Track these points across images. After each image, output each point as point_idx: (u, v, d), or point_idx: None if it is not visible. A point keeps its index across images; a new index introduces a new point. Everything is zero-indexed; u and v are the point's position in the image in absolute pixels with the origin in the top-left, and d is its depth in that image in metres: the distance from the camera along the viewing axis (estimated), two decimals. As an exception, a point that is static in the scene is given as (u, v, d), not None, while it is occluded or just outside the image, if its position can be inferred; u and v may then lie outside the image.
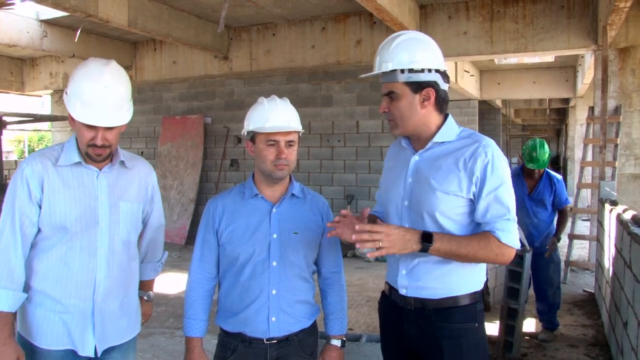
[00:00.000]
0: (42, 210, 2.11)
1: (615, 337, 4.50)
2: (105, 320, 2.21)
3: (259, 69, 9.81)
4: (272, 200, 2.28)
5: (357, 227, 1.89)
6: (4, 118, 10.41)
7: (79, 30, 9.07)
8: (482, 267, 2.10)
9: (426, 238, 1.90)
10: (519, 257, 4.43)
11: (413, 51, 2.00)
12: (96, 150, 2.12)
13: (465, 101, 14.22)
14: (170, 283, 7.34)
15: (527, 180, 5.18)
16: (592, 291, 6.77)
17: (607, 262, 5.36)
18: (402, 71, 1.98)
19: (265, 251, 2.21)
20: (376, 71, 2.04)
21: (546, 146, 5.10)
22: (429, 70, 1.99)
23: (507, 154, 18.64)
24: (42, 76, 12.14)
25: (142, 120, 11.81)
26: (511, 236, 1.94)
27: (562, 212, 5.27)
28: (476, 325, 2.05)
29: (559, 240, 5.19)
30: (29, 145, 28.30)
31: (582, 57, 11.34)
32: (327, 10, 8.74)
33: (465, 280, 2.04)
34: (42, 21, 9.16)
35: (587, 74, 10.46)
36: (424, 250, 1.89)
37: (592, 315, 5.89)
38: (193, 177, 10.73)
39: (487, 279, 5.12)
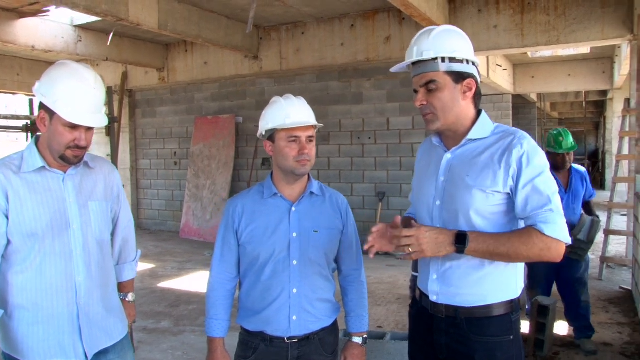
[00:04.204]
0: (10, 220, 2.05)
1: (651, 336, 4.38)
2: (92, 322, 2.19)
3: (289, 68, 9.84)
4: (291, 199, 2.29)
5: (388, 234, 1.92)
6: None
7: (112, 34, 9.25)
8: (519, 273, 2.00)
9: (460, 239, 1.82)
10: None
11: (454, 41, 1.95)
12: (76, 151, 2.10)
13: (499, 95, 14.00)
14: (202, 281, 7.45)
15: (559, 177, 4.87)
16: (629, 288, 6.59)
17: (644, 258, 5.22)
18: (443, 60, 1.91)
19: (285, 250, 2.22)
20: (415, 59, 1.95)
21: (569, 133, 4.94)
22: (468, 62, 1.94)
23: (543, 148, 18.29)
24: (78, 80, 12.43)
25: (174, 121, 12.00)
26: (557, 227, 1.80)
27: (589, 204, 5.04)
28: (511, 337, 1.94)
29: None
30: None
31: (619, 47, 11.03)
32: (356, 7, 8.71)
33: (500, 287, 1.95)
34: (76, 26, 9.36)
35: (624, 65, 10.17)
36: (459, 251, 1.83)
37: (628, 312, 5.75)
38: (225, 177, 10.85)
39: (524, 284, 4.98)
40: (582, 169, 5.10)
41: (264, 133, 2.28)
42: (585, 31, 7.46)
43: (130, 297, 2.58)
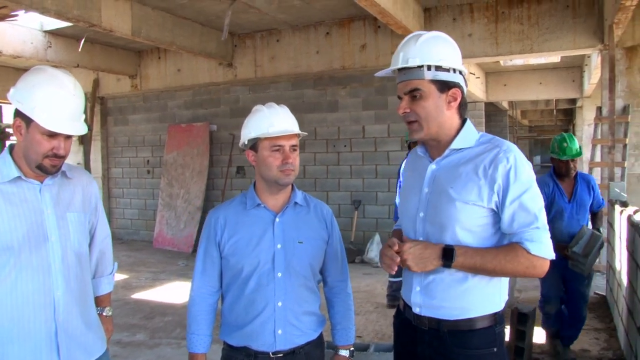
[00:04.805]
0: None
1: (629, 342, 4.42)
2: (70, 339, 2.09)
3: (263, 76, 9.78)
4: (275, 209, 2.23)
5: (380, 253, 1.95)
6: (7, 130, 10.46)
7: (83, 40, 9.08)
8: (503, 286, 1.96)
9: (447, 253, 1.81)
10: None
11: (441, 49, 1.90)
12: (54, 160, 2.02)
13: (472, 103, 14.13)
14: (176, 292, 7.32)
15: (563, 185, 4.66)
16: (604, 294, 6.68)
17: (619, 265, 5.28)
18: (429, 68, 1.86)
19: (269, 262, 2.16)
20: (400, 66, 1.90)
21: (575, 138, 4.67)
22: (454, 71, 1.89)
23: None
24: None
25: (147, 129, 11.83)
26: (542, 246, 1.80)
27: (596, 216, 4.86)
28: (495, 350, 1.90)
29: None
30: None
31: (589, 57, 11.25)
32: (331, 15, 8.70)
33: (484, 300, 1.91)
34: (46, 32, 9.17)
35: (594, 74, 10.37)
36: (446, 266, 1.82)
37: (604, 318, 5.81)
38: (199, 185, 10.71)
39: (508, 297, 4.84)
40: (590, 175, 4.88)
41: (246, 142, 2.22)
42: (558, 40, 7.58)
43: (107, 311, 2.49)
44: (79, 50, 9.36)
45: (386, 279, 6.88)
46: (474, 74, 12.14)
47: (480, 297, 1.90)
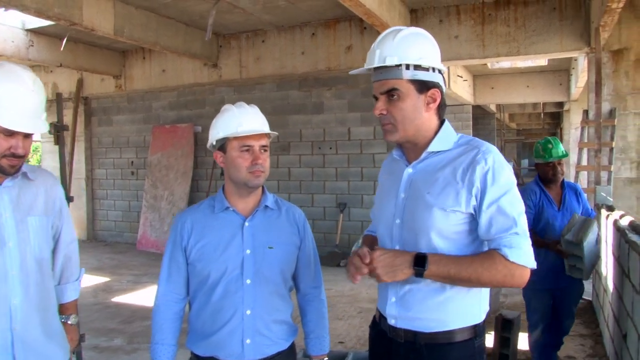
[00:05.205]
0: None
1: (614, 349, 4.35)
2: (28, 350, 1.97)
3: (248, 77, 9.67)
4: (244, 213, 2.13)
5: (348, 260, 1.78)
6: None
7: (65, 40, 8.93)
8: (484, 297, 1.85)
9: (419, 261, 1.68)
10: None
11: (421, 46, 1.78)
12: (12, 160, 1.92)
13: (459, 106, 14.13)
14: (158, 296, 7.17)
15: (550, 193, 4.37)
16: (590, 299, 6.62)
17: (605, 270, 5.22)
18: (408, 67, 1.75)
19: (238, 268, 2.06)
20: (377, 64, 1.77)
21: (559, 141, 4.42)
22: (434, 70, 1.78)
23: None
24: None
25: (132, 130, 11.67)
26: (521, 252, 1.67)
27: None
28: None
29: None
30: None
31: (576, 60, 11.26)
32: (317, 15, 8.62)
33: (463, 311, 1.80)
34: (28, 30, 9.02)
35: (581, 77, 10.36)
36: (419, 275, 1.69)
37: (589, 324, 5.75)
38: (183, 187, 10.58)
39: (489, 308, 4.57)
40: (576, 184, 4.63)
41: (214, 143, 2.12)
42: (545, 43, 7.54)
43: (72, 319, 2.37)
44: (61, 49, 9.20)
45: (371, 283, 6.75)
46: (462, 77, 12.11)
47: (459, 309, 1.80)
